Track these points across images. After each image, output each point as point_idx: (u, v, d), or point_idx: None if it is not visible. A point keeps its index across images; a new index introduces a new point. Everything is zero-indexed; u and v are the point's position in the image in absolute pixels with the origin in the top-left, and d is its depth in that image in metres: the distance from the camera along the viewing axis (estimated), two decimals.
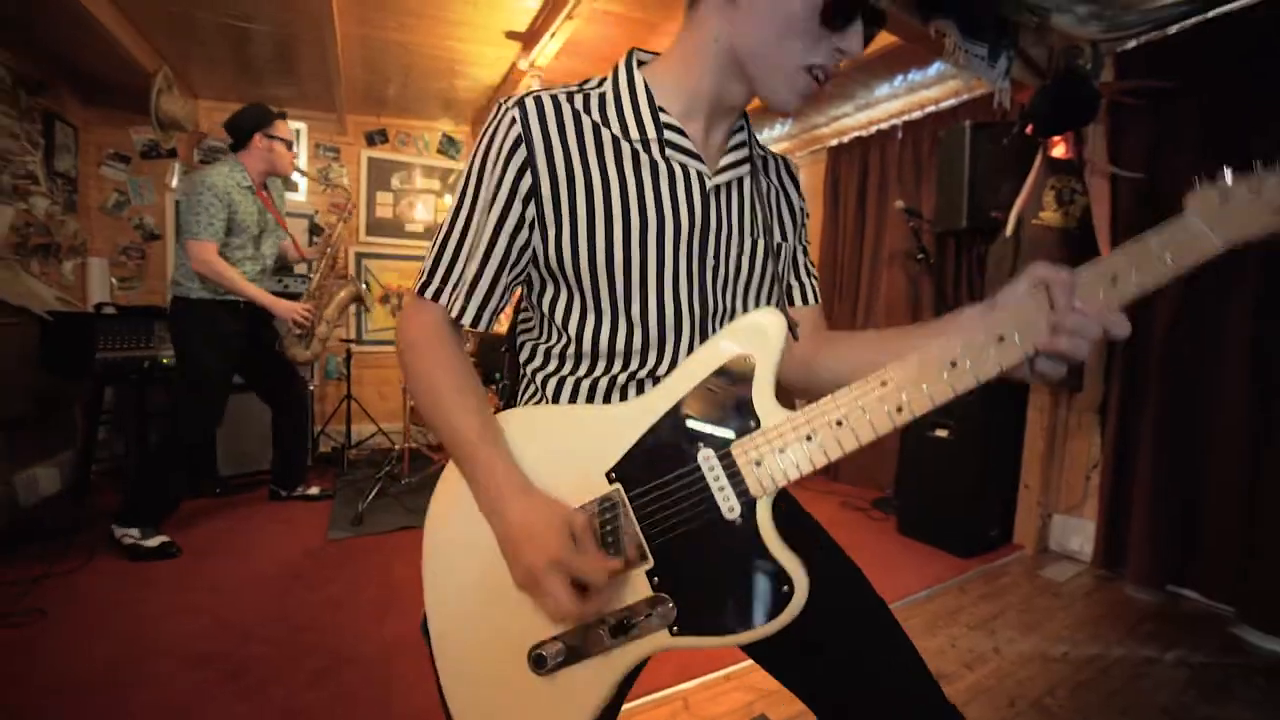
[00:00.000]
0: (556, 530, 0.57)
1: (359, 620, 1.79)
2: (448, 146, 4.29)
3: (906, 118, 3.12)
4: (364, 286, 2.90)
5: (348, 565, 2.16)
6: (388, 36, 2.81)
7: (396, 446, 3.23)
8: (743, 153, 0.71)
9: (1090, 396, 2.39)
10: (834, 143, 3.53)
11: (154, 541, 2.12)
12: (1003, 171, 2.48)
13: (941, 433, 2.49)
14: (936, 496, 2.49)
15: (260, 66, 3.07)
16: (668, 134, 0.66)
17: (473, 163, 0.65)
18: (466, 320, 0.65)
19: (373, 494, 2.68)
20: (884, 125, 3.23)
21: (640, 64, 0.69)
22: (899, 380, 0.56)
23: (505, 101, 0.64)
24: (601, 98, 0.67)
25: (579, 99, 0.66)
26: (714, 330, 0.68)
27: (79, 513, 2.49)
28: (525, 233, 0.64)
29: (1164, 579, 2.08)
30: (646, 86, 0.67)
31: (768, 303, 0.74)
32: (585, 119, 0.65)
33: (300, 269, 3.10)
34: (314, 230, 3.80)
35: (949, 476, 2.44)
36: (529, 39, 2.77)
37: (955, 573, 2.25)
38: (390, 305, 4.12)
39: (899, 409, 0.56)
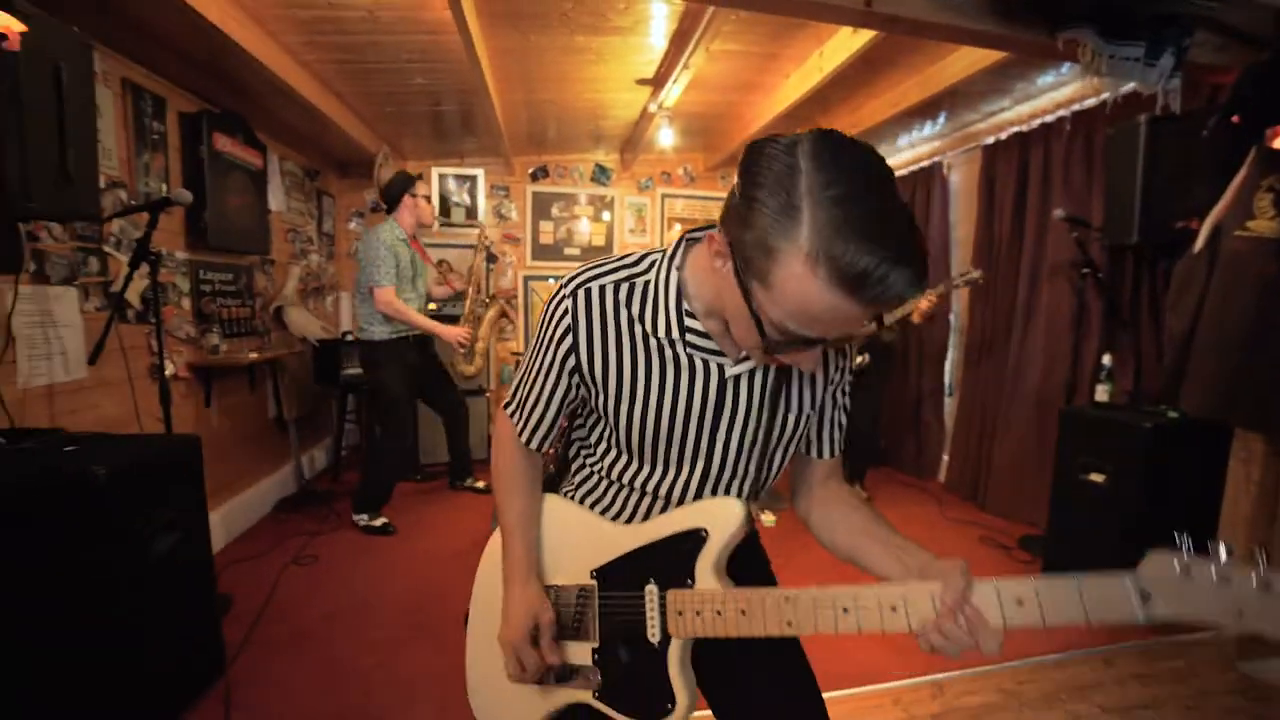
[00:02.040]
0: (524, 623, 0.80)
1: None
2: (600, 174, 4.74)
3: (1077, 106, 2.71)
4: (505, 302, 3.41)
5: None
6: (541, 97, 3.26)
7: None
8: None
9: None
10: (990, 140, 3.19)
11: (378, 522, 2.84)
12: (1193, 174, 2.08)
13: (1095, 477, 2.19)
14: (1090, 546, 2.20)
15: (448, 131, 3.77)
16: (689, 336, 0.75)
17: (540, 330, 0.80)
18: (524, 441, 0.84)
19: None
20: (1049, 117, 2.85)
21: (691, 242, 0.77)
22: (796, 601, 0.71)
23: (565, 287, 0.77)
24: (644, 290, 0.76)
25: (624, 289, 0.76)
26: (718, 486, 0.80)
27: (335, 485, 3.42)
28: (574, 391, 0.80)
29: None
30: (680, 288, 0.75)
31: (781, 461, 0.85)
32: (624, 313, 0.75)
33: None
34: (490, 259, 4.53)
35: (1104, 526, 2.14)
36: (656, 84, 3.01)
37: (1103, 641, 1.98)
38: None
39: (789, 623, 0.71)
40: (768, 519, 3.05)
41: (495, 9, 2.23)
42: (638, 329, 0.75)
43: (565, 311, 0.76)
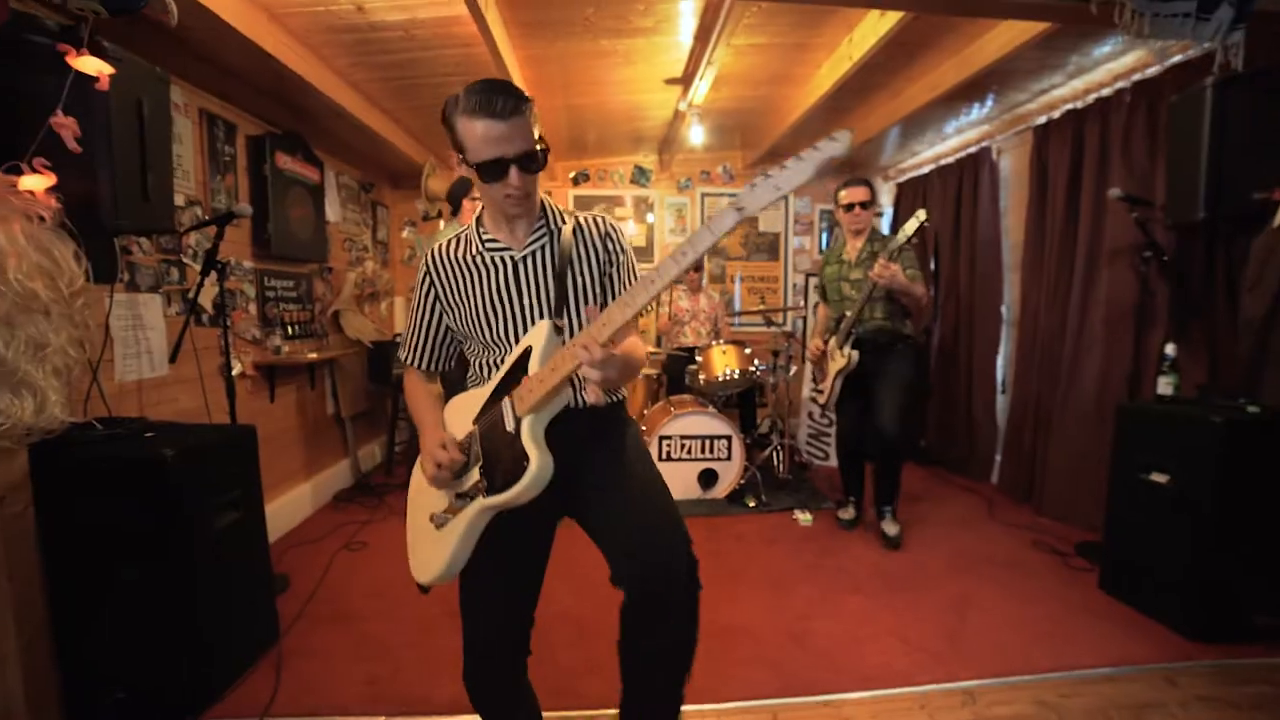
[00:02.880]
0: (433, 444, 1.12)
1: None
2: (639, 176, 4.80)
3: (1138, 76, 2.51)
4: None
5: None
6: (577, 102, 3.36)
7: None
8: (540, 234, 1.18)
9: None
10: (1041, 120, 3.01)
11: None
12: (1271, 138, 1.90)
13: (1158, 477, 2.02)
14: (1155, 553, 2.03)
15: None
16: (487, 243, 1.18)
17: (414, 290, 1.26)
18: (411, 363, 1.29)
19: None
20: (1105, 91, 2.65)
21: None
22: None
23: (427, 254, 1.22)
24: (465, 236, 1.21)
25: (454, 242, 1.22)
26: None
27: (388, 479, 3.64)
28: (439, 316, 1.24)
29: None
30: (478, 220, 1.20)
31: (575, 311, 1.17)
32: (455, 253, 1.20)
33: None
34: None
35: (1170, 531, 1.97)
36: (685, 82, 3.04)
37: (1170, 657, 1.81)
38: None
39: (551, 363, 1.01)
40: (804, 518, 2.99)
41: (521, 18, 2.33)
42: (464, 257, 1.19)
43: (423, 270, 1.23)
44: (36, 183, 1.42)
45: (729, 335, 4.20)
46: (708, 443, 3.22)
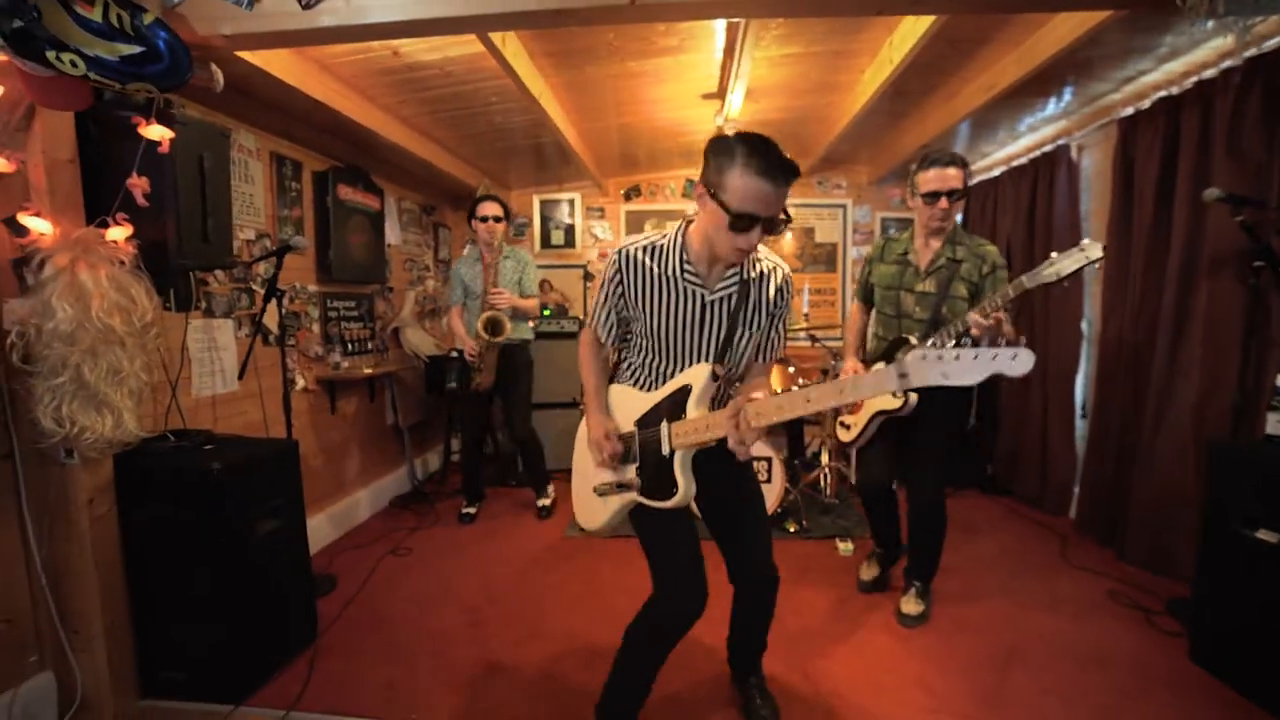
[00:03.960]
0: (598, 430, 1.41)
1: (558, 605, 2.36)
2: (690, 189, 4.78)
3: (1252, 52, 2.16)
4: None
5: (575, 558, 2.80)
6: (619, 122, 3.39)
7: None
8: (732, 281, 1.33)
9: None
10: (1127, 111, 2.67)
11: (470, 510, 3.26)
12: None
13: (1267, 535, 1.70)
14: (1262, 625, 1.69)
15: (542, 161, 4.06)
16: (686, 271, 1.31)
17: (601, 278, 1.41)
18: (595, 332, 1.47)
19: None
20: (1209, 72, 2.31)
21: (690, 223, 1.33)
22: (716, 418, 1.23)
23: (615, 253, 1.37)
24: (662, 247, 1.34)
25: (650, 250, 1.34)
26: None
27: (441, 488, 3.84)
28: (620, 310, 1.41)
29: None
30: (682, 242, 1.32)
31: (738, 358, 1.37)
32: (649, 263, 1.34)
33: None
34: (587, 277, 4.78)
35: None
36: (721, 97, 2.99)
37: None
38: None
39: (709, 427, 1.24)
40: (844, 548, 2.83)
41: (549, 49, 2.40)
42: (657, 271, 1.33)
43: (615, 263, 1.36)
44: (119, 233, 1.65)
45: (784, 353, 4.06)
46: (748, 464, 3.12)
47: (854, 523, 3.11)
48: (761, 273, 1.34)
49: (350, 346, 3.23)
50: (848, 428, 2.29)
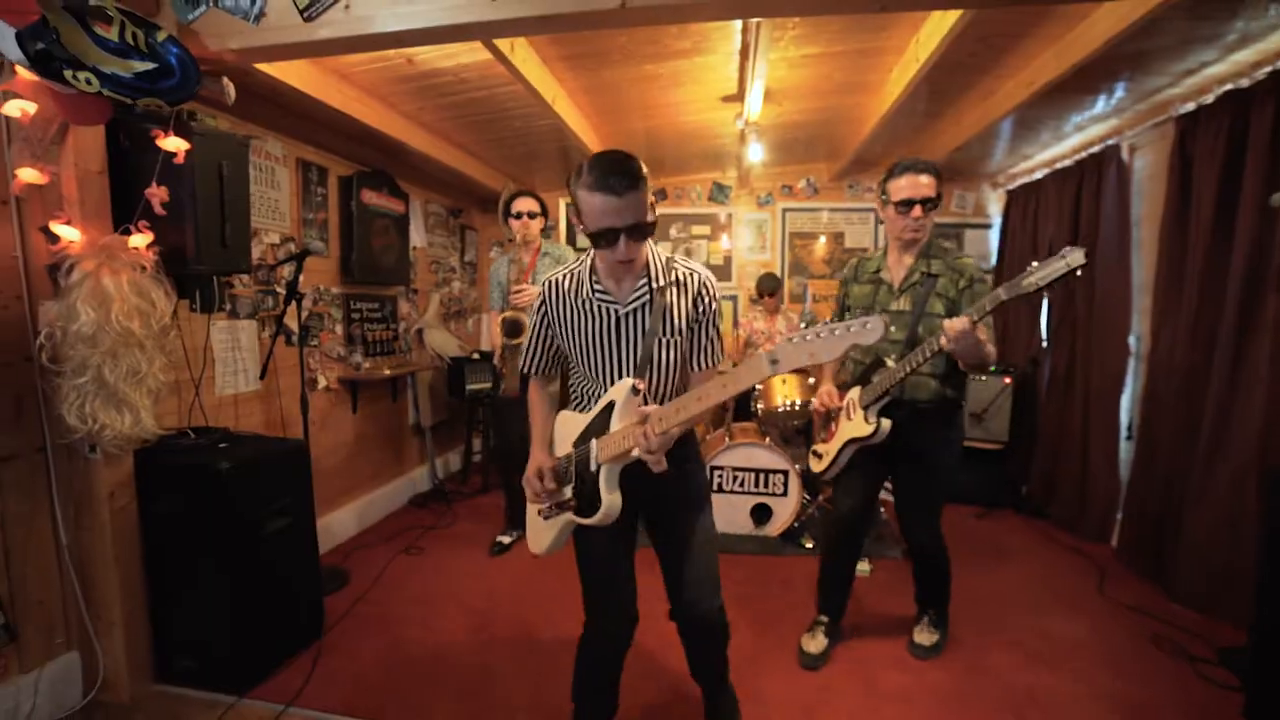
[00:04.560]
0: (533, 469, 1.41)
1: (560, 612, 2.35)
2: (717, 193, 4.70)
3: None
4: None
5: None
6: (641, 125, 3.35)
7: None
8: (642, 293, 1.31)
9: None
10: (1186, 108, 2.46)
11: (506, 540, 2.97)
12: None
13: None
14: None
15: (572, 165, 4.05)
16: (597, 292, 1.33)
17: (532, 311, 1.47)
18: (528, 372, 1.49)
19: None
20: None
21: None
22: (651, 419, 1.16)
23: (544, 283, 1.39)
24: (577, 274, 1.36)
25: (569, 277, 1.37)
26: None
27: (462, 486, 3.90)
28: (550, 340, 1.44)
29: None
30: (592, 266, 1.34)
31: (663, 369, 1.35)
32: (567, 286, 1.37)
33: None
34: None
35: None
36: (740, 99, 2.92)
37: None
38: None
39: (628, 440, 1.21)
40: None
41: (562, 53, 2.39)
42: (573, 294, 1.36)
43: (541, 297, 1.41)
44: (140, 240, 1.73)
45: None
46: (762, 476, 3.04)
47: (872, 542, 2.98)
48: (677, 280, 1.32)
49: (372, 347, 3.31)
50: (820, 457, 2.05)
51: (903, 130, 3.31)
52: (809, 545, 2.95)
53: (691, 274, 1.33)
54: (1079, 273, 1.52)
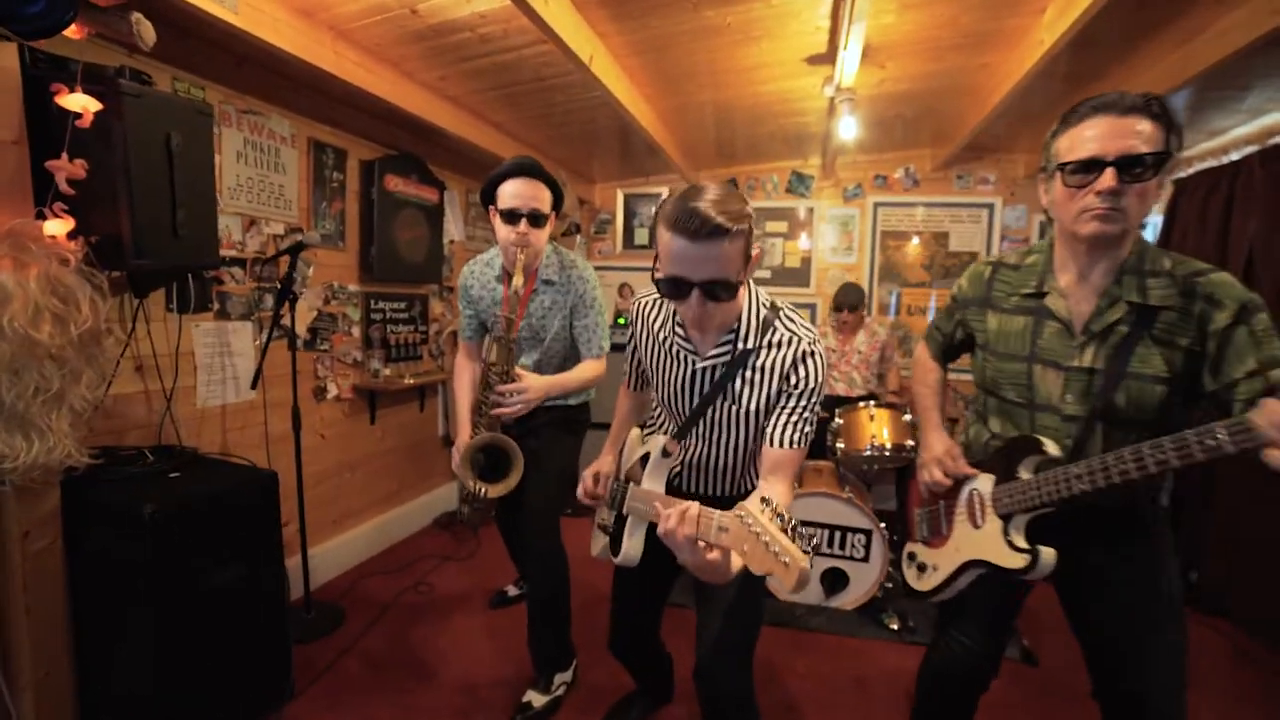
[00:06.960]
0: (596, 466, 1.43)
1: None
2: (797, 184, 4.08)
3: None
4: None
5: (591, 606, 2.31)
6: (721, 97, 2.80)
7: None
8: (725, 350, 1.17)
9: None
10: None
11: (513, 591, 2.51)
12: None
13: None
14: None
15: (631, 150, 3.59)
16: (677, 337, 1.22)
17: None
18: (629, 386, 1.48)
19: None
20: None
21: None
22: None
23: (637, 302, 1.33)
24: (667, 311, 1.25)
25: (654, 306, 1.29)
26: (687, 429, 1.27)
27: (485, 518, 3.53)
28: (639, 363, 1.39)
29: None
30: (675, 316, 1.23)
31: (717, 433, 1.26)
32: (653, 319, 1.29)
33: None
34: None
35: None
36: (830, 59, 2.32)
37: None
38: None
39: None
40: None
41: None
42: (656, 328, 1.28)
43: (633, 314, 1.35)
44: (58, 228, 1.41)
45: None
46: (838, 535, 2.44)
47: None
48: (773, 343, 1.14)
49: (396, 351, 2.98)
50: (923, 569, 1.35)
51: (1037, 102, 2.58)
52: (894, 626, 2.32)
53: (793, 339, 1.14)
54: None
